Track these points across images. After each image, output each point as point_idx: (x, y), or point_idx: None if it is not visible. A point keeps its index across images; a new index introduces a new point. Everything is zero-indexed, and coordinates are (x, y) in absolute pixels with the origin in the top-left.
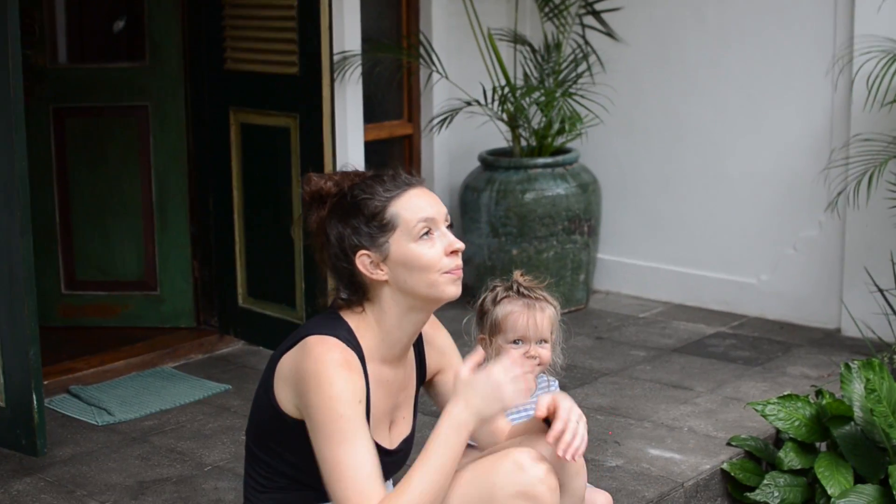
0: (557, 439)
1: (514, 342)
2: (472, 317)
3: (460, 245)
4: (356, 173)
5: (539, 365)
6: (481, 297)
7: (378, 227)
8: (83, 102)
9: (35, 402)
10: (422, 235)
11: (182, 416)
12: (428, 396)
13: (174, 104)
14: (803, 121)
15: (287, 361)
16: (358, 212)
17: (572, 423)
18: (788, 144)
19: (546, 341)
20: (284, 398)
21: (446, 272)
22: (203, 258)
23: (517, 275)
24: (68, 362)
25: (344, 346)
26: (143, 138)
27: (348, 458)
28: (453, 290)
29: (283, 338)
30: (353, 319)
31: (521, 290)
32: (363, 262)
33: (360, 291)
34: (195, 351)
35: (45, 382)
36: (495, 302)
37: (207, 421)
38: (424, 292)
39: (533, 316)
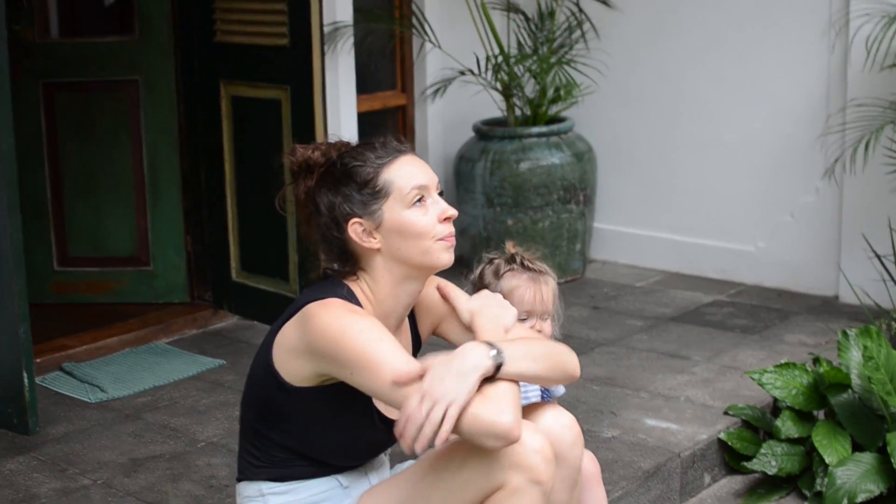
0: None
1: (521, 318)
2: (467, 289)
3: (453, 212)
4: (342, 143)
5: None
6: (478, 269)
7: (370, 194)
8: (73, 77)
9: (26, 381)
10: (415, 202)
11: (176, 392)
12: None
13: (164, 78)
14: (799, 86)
15: (290, 332)
16: (349, 179)
17: (417, 414)
18: (785, 110)
19: (549, 315)
20: (291, 369)
21: (440, 239)
22: (196, 233)
23: (510, 246)
24: (61, 339)
25: (346, 301)
26: (133, 113)
27: (379, 376)
28: (447, 257)
29: (277, 311)
30: (351, 283)
31: (525, 262)
32: (355, 230)
33: (351, 261)
34: (189, 326)
35: (38, 360)
36: (498, 275)
37: (201, 397)
38: (418, 260)
39: (539, 290)
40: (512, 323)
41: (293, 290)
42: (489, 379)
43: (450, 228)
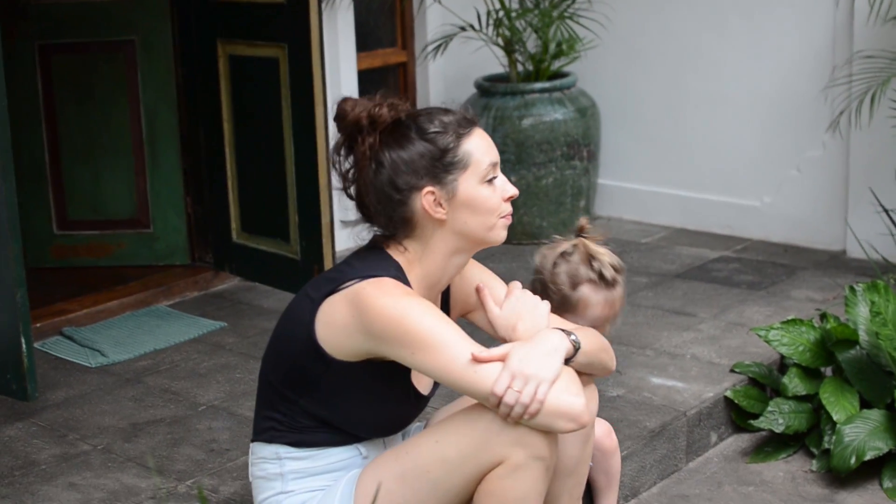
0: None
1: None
2: (529, 279)
3: (516, 192)
4: (398, 101)
5: None
6: (549, 259)
7: (448, 164)
8: (69, 38)
9: (24, 347)
10: (489, 179)
11: (177, 356)
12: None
13: (161, 37)
14: (805, 38)
15: (341, 310)
16: (427, 145)
17: (511, 393)
18: (790, 63)
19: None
20: (339, 345)
21: (502, 217)
22: (196, 194)
23: (584, 226)
24: (61, 304)
25: (399, 283)
26: (130, 73)
27: (452, 358)
28: (504, 234)
29: (278, 272)
30: (399, 257)
31: (604, 276)
32: (427, 199)
33: (407, 228)
34: (190, 289)
35: (38, 325)
36: (574, 283)
37: (202, 359)
38: (481, 235)
39: (610, 308)
40: (546, 322)
41: (294, 250)
42: None
43: (510, 207)
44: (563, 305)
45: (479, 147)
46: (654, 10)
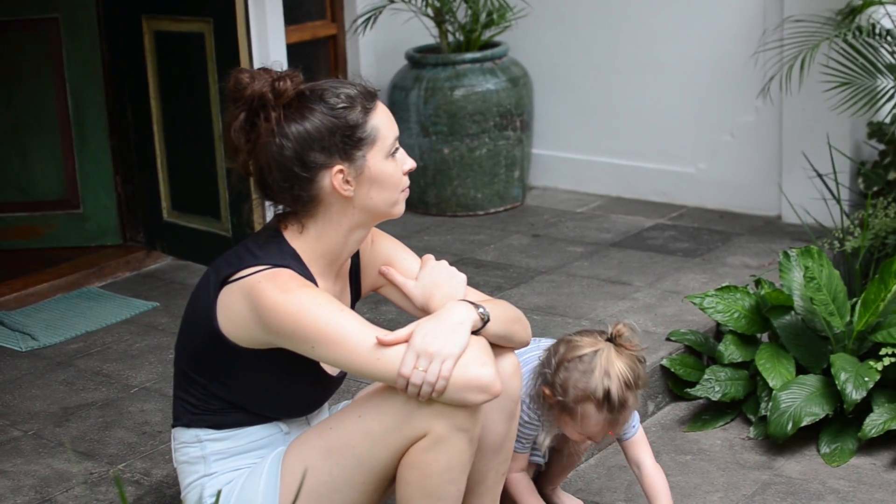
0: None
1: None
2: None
3: (414, 164)
4: (295, 73)
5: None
6: (566, 355)
7: (358, 140)
8: None
9: None
10: (392, 153)
11: (108, 337)
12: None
13: (85, 14)
14: (736, 2)
15: (237, 303)
16: (335, 121)
17: (416, 372)
18: (721, 27)
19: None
20: (240, 335)
21: (402, 191)
22: (125, 173)
23: (620, 332)
24: None
25: (295, 273)
26: (55, 51)
27: (354, 347)
28: (403, 208)
29: (210, 250)
30: (296, 241)
31: (611, 398)
32: (337, 178)
33: (310, 205)
34: (122, 269)
35: None
36: (577, 397)
37: (134, 341)
38: (384, 210)
39: (612, 426)
40: (464, 292)
41: (225, 228)
42: None
43: (408, 180)
44: (563, 409)
45: (384, 121)
46: None
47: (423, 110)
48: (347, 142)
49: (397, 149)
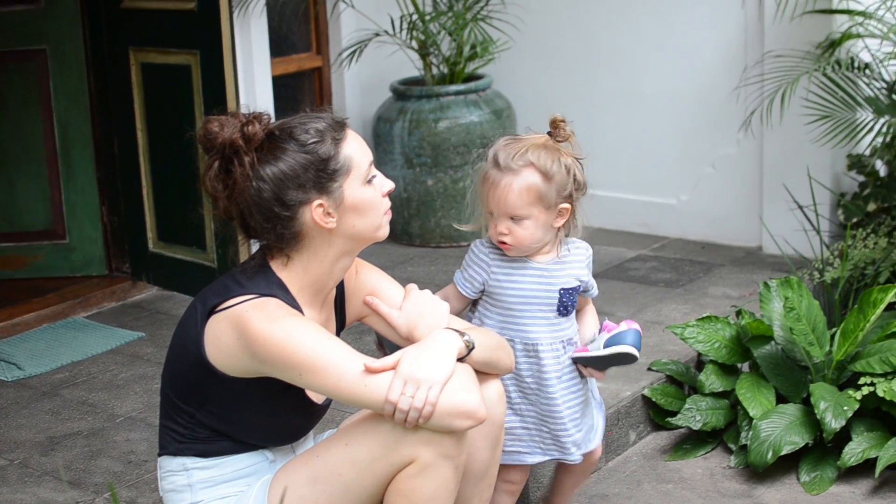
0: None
1: (491, 215)
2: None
3: (392, 185)
4: (264, 114)
5: (511, 245)
6: (490, 150)
7: (332, 172)
8: None
9: None
10: (369, 179)
11: (94, 367)
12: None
13: (73, 46)
14: (716, 37)
15: (225, 332)
16: (307, 157)
17: (404, 399)
18: (703, 61)
19: (519, 217)
20: (227, 364)
21: (384, 213)
22: (111, 203)
23: (557, 121)
24: None
25: (282, 303)
26: (42, 83)
27: (341, 375)
28: (387, 230)
29: (196, 281)
30: (282, 272)
31: (498, 161)
32: (317, 212)
33: (292, 241)
34: (108, 299)
35: None
36: (480, 176)
37: (120, 371)
38: (369, 235)
39: (494, 194)
40: (447, 321)
41: (211, 258)
42: None
43: (389, 201)
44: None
45: (356, 150)
46: (567, 10)
47: (407, 142)
48: (322, 175)
49: (374, 175)
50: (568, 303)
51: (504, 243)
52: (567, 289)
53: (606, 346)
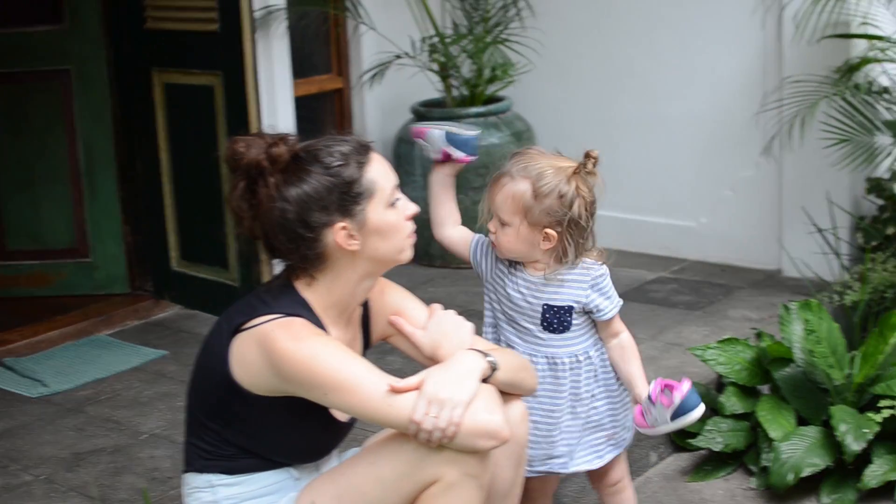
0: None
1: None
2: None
3: (417, 209)
4: (290, 135)
5: (494, 244)
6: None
7: (356, 195)
8: (3, 69)
9: None
10: (392, 202)
11: (118, 385)
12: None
13: (96, 67)
14: (735, 61)
15: (250, 351)
16: (331, 179)
17: (428, 419)
18: (722, 85)
19: (504, 223)
20: (253, 382)
21: (408, 236)
22: (134, 223)
23: (590, 156)
24: (1, 334)
25: (307, 322)
26: (66, 103)
27: (366, 394)
28: (412, 253)
29: (218, 300)
30: (306, 291)
31: (508, 164)
32: (340, 234)
33: (316, 262)
34: (130, 317)
35: None
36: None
37: (144, 388)
38: (392, 258)
39: (492, 190)
40: (471, 341)
41: (233, 277)
42: None
43: (414, 224)
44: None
45: (381, 173)
46: (587, 33)
47: (427, 163)
48: (346, 198)
49: (398, 198)
50: (553, 320)
51: (492, 241)
52: (553, 306)
53: (674, 418)
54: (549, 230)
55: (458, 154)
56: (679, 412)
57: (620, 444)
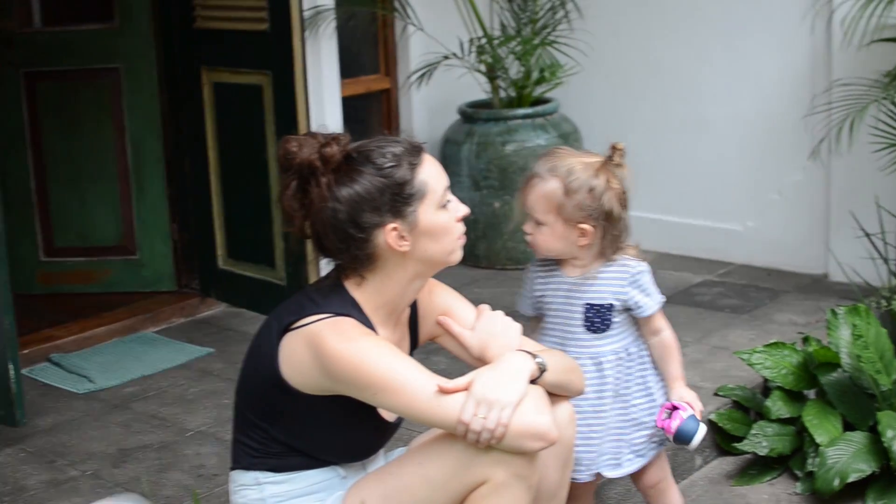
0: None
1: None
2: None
3: (467, 210)
4: (342, 135)
5: (531, 245)
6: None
7: (407, 196)
8: (54, 66)
9: (12, 373)
10: (444, 204)
11: (164, 382)
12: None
13: (146, 65)
14: (784, 64)
15: (300, 350)
16: (383, 180)
17: (476, 419)
18: (770, 88)
19: (540, 223)
20: (302, 381)
21: (458, 238)
22: (182, 221)
23: (616, 149)
24: (48, 330)
25: (357, 322)
26: (115, 101)
27: (415, 394)
28: (461, 254)
29: (265, 299)
30: (356, 291)
31: (537, 165)
32: (392, 235)
33: (366, 262)
34: (176, 315)
35: (26, 351)
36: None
37: (190, 385)
38: (442, 259)
39: (524, 192)
40: (519, 342)
41: (280, 276)
42: None
43: (464, 226)
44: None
45: (432, 174)
46: (635, 36)
47: (474, 164)
48: (397, 199)
49: (449, 199)
50: (595, 319)
51: (529, 242)
52: (595, 304)
53: (677, 442)
54: (583, 225)
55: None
56: (679, 440)
57: (658, 442)
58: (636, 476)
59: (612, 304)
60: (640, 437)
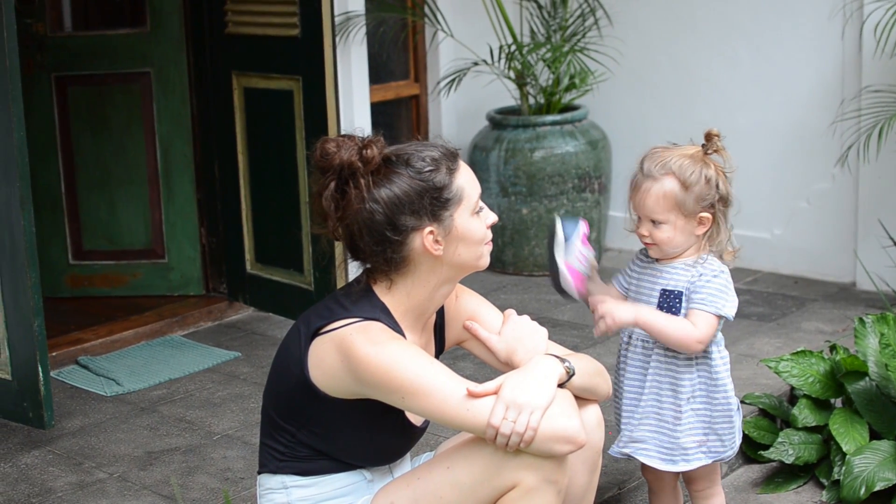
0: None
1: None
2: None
3: (496, 217)
4: (378, 138)
5: (653, 244)
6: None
7: (445, 201)
8: (85, 70)
9: (41, 375)
10: (477, 210)
11: (191, 385)
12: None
13: (176, 70)
14: (813, 72)
15: (329, 355)
16: (422, 184)
17: (506, 423)
18: (799, 96)
19: (658, 221)
20: (331, 385)
21: (487, 243)
22: (210, 225)
23: (712, 134)
24: (77, 333)
25: (385, 327)
26: (146, 105)
27: (444, 398)
28: (489, 259)
29: (292, 303)
30: (385, 296)
31: (643, 167)
32: (428, 238)
33: (399, 265)
34: (204, 319)
35: (54, 354)
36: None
37: (217, 389)
38: (472, 264)
39: (637, 197)
40: (546, 346)
41: (308, 281)
42: None
43: (491, 233)
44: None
45: (468, 181)
46: (664, 43)
47: (502, 171)
48: (436, 203)
49: (482, 206)
50: (664, 306)
51: (647, 244)
52: (668, 290)
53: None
54: (703, 214)
55: (575, 266)
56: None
57: (711, 454)
58: (685, 476)
59: (681, 293)
60: (690, 442)
